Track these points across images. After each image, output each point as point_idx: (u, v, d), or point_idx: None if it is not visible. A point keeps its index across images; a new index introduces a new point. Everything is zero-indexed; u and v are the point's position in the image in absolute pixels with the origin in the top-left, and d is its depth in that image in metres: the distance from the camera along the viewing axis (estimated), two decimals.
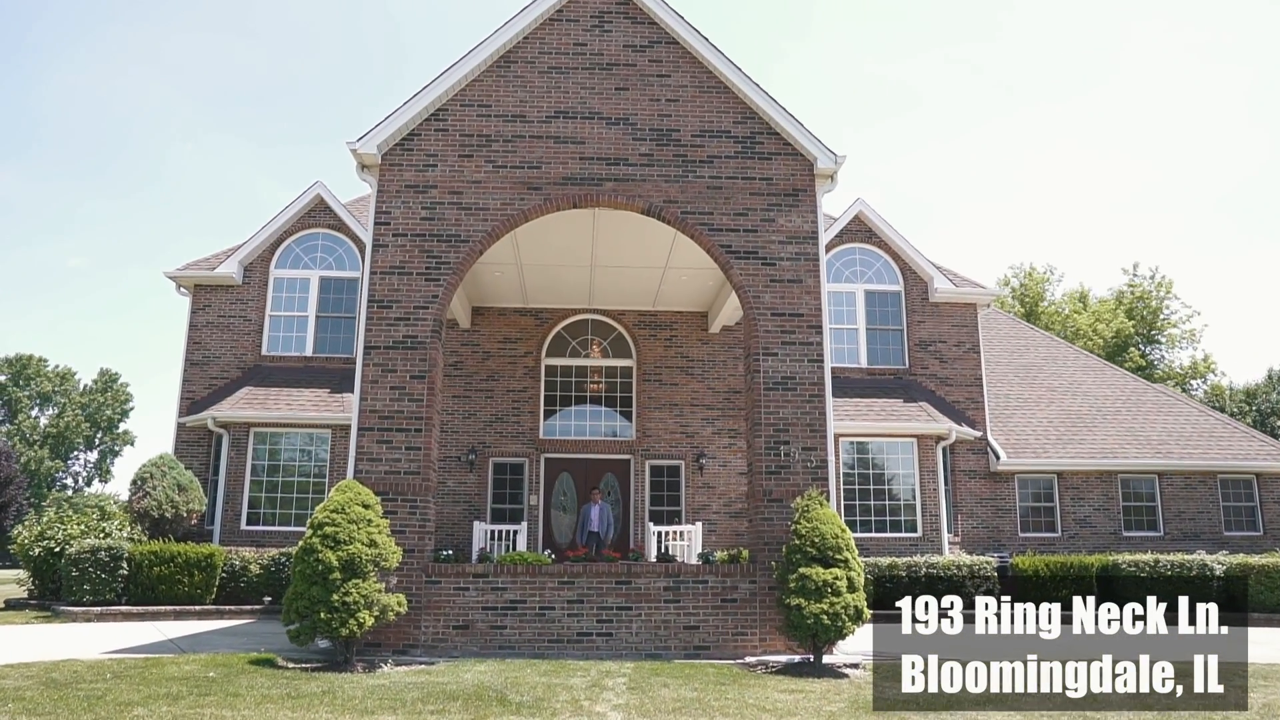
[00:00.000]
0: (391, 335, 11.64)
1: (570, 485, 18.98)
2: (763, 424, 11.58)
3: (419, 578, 10.96)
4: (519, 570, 11.08)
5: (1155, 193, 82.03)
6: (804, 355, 11.85)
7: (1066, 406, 22.14)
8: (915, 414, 19.28)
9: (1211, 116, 77.69)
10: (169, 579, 15.29)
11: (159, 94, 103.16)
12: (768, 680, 9.48)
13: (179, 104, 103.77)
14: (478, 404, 19.05)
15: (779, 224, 12.24)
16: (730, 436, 19.21)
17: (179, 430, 19.19)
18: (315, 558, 9.51)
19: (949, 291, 20.61)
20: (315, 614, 9.39)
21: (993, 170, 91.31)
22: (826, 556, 10.25)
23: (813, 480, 11.49)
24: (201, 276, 19.69)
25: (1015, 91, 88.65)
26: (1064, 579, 17.10)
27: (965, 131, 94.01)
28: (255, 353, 19.61)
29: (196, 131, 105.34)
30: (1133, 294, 43.86)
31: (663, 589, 11.14)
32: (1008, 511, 20.24)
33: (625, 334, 19.64)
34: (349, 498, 9.97)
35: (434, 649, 10.86)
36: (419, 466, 11.23)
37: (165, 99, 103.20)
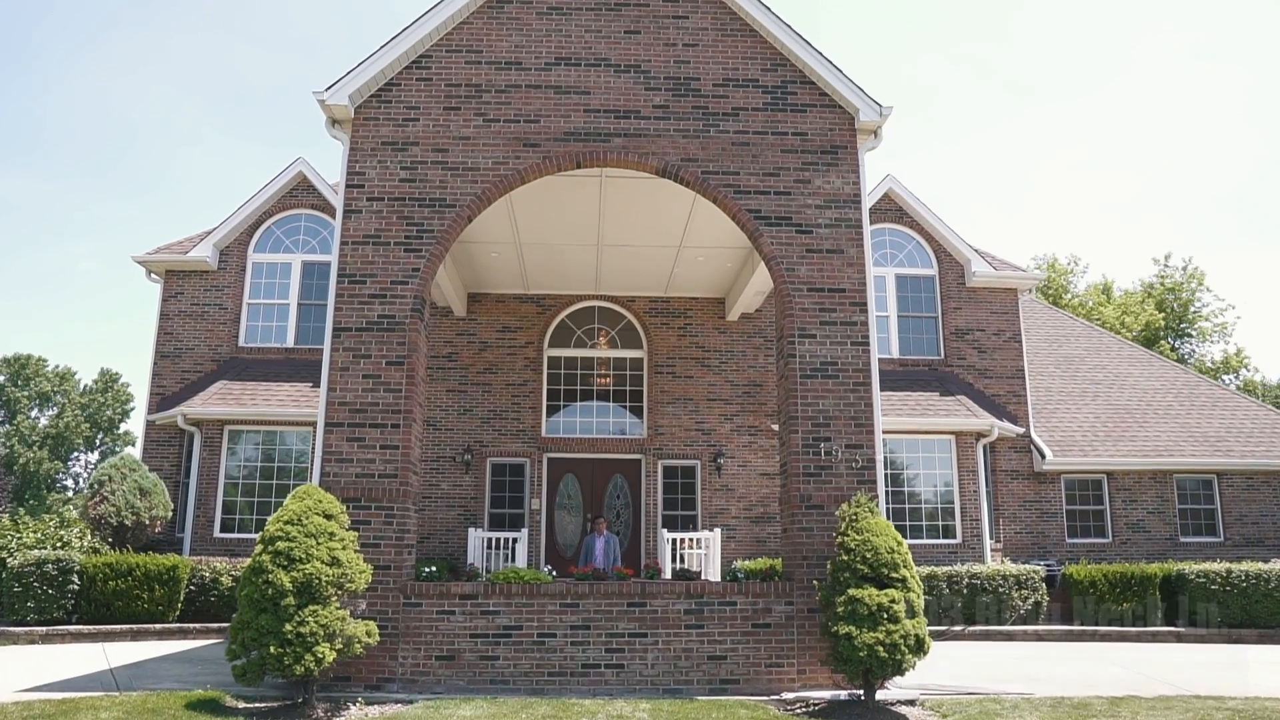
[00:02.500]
0: (365, 315, 9.98)
1: (575, 488, 17.30)
2: (799, 417, 9.88)
3: (396, 599, 9.29)
4: (514, 590, 9.40)
5: (1175, 184, 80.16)
6: (846, 337, 10.16)
7: (1113, 401, 20.39)
8: (953, 408, 17.56)
9: (1218, 112, 75.76)
10: (126, 594, 13.65)
11: (164, 96, 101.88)
12: None
13: (185, 106, 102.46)
14: (474, 399, 17.39)
15: (816, 186, 10.55)
16: (750, 434, 17.51)
17: (148, 429, 17.58)
18: (265, 579, 7.85)
19: (987, 275, 18.88)
20: (265, 647, 7.73)
21: (1006, 166, 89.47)
22: (881, 575, 8.55)
23: (859, 483, 9.79)
24: (173, 261, 18.05)
25: (1024, 89, 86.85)
26: (1125, 590, 15.39)
27: (976, 129, 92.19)
28: (231, 344, 17.97)
29: (202, 134, 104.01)
30: (1163, 285, 42.00)
31: (683, 612, 9.46)
32: (1053, 515, 18.50)
33: (635, 322, 17.96)
34: (307, 506, 8.30)
35: (413, 683, 9.19)
36: (396, 468, 9.57)
37: (171, 101, 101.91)
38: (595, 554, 13.55)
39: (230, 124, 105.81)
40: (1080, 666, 11.82)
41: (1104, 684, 10.33)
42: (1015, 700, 9.07)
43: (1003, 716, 8.21)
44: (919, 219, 19.09)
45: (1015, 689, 9.82)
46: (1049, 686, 10.07)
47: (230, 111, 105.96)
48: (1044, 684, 10.27)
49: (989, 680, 10.49)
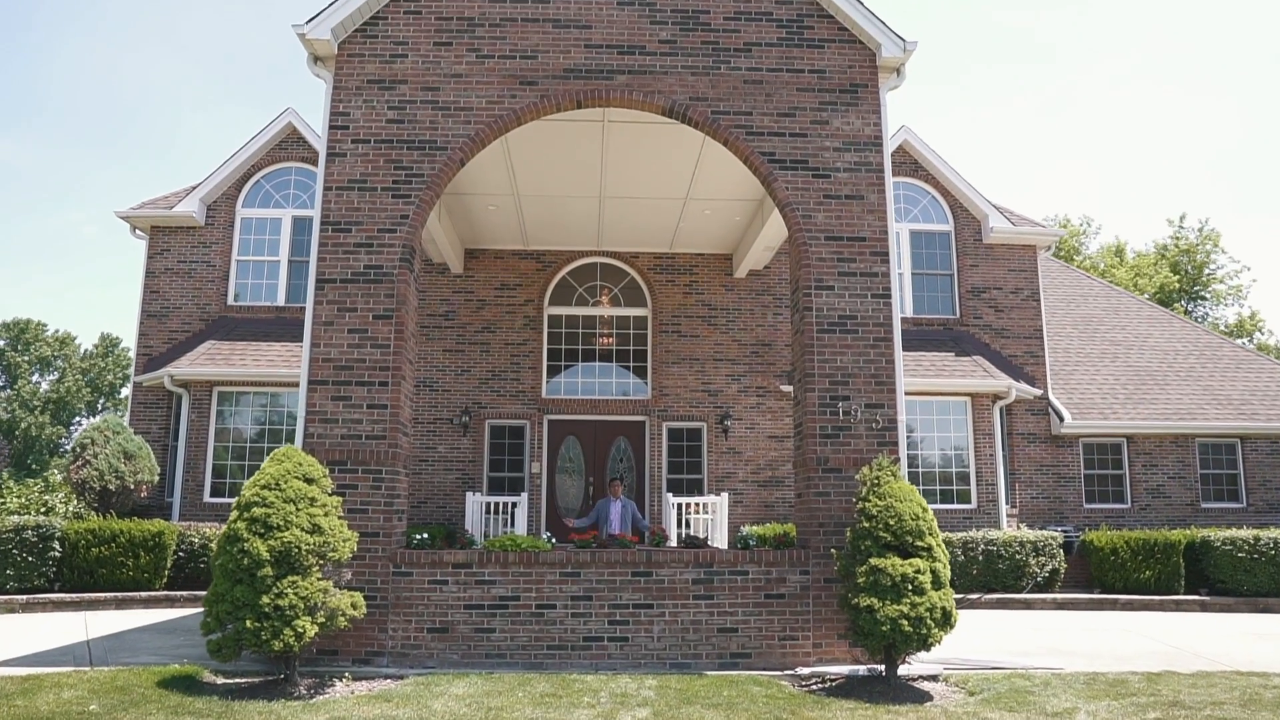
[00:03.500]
0: (350, 265, 9.30)
1: (577, 451, 16.71)
2: (815, 375, 9.24)
3: (385, 569, 8.71)
4: (511, 559, 8.81)
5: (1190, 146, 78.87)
6: (866, 289, 9.49)
7: (1133, 362, 19.72)
8: (969, 369, 16.91)
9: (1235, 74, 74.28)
10: (110, 561, 13.12)
11: (171, 64, 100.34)
12: (832, 706, 7.22)
13: (191, 74, 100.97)
14: (472, 359, 16.75)
15: (834, 127, 9.82)
16: (759, 395, 16.88)
17: (135, 391, 16.98)
18: (240, 548, 7.25)
19: (1006, 232, 18.14)
20: (240, 621, 7.15)
21: (1017, 125, 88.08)
22: (905, 543, 7.95)
23: (879, 445, 9.17)
24: (158, 217, 17.35)
25: (1041, 47, 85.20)
26: (1147, 557, 14.83)
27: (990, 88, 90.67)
28: (220, 302, 17.31)
29: (208, 103, 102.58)
30: (1177, 247, 41.12)
31: (691, 582, 8.87)
32: (1070, 480, 17.91)
33: (639, 279, 17.27)
34: (285, 469, 7.68)
35: (404, 657, 8.64)
36: (385, 429, 8.95)
37: (177, 69, 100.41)
38: (612, 519, 12.67)
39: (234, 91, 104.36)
40: (1106, 638, 11.26)
41: (1135, 657, 9.77)
42: (1045, 676, 8.51)
43: (1035, 695, 7.63)
44: (935, 173, 18.31)
45: (1043, 663, 9.26)
46: (1078, 660, 9.51)
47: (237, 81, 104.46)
48: (1072, 657, 9.71)
49: (1013, 653, 9.94)
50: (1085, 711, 7.05)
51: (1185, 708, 7.17)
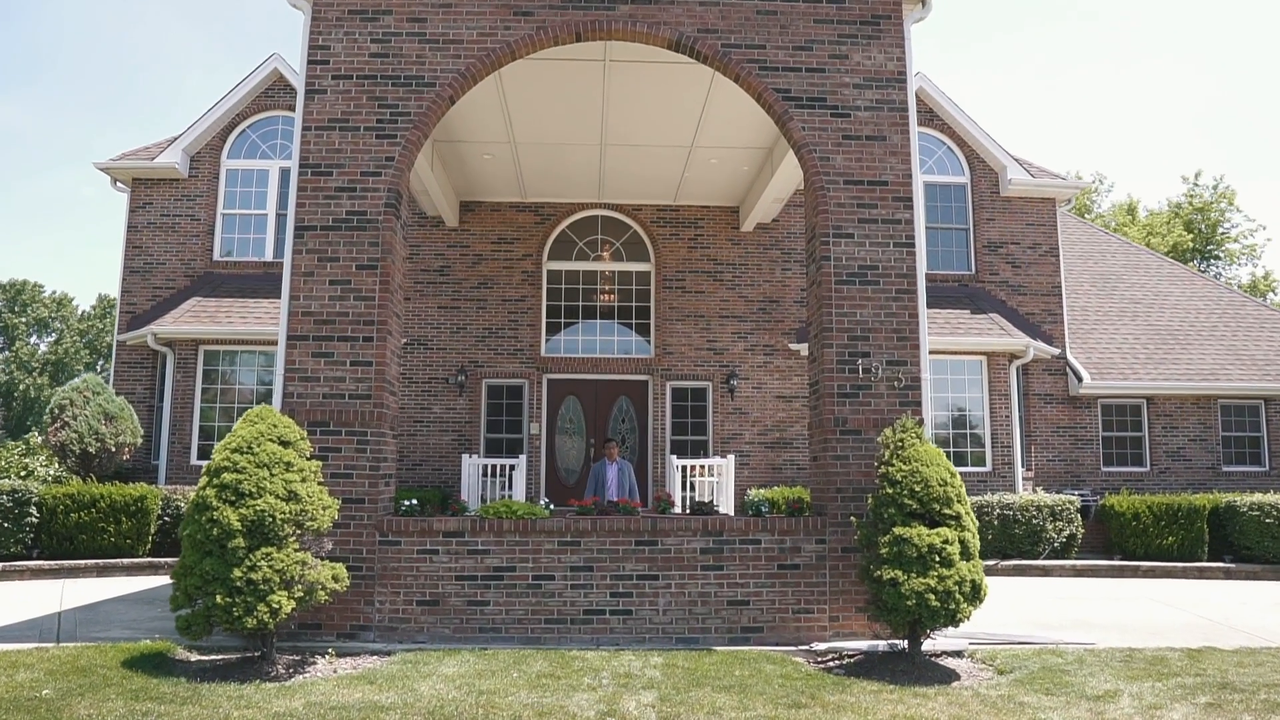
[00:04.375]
0: (331, 211, 8.61)
1: (577, 411, 16.10)
2: (833, 329, 8.58)
3: (370, 537, 8.12)
4: (505, 527, 8.22)
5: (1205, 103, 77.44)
6: (888, 237, 8.79)
7: (1153, 321, 19.04)
8: (985, 327, 16.23)
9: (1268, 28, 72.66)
10: (90, 527, 12.57)
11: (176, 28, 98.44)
12: (854, 687, 6.64)
13: (196, 37, 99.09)
14: (468, 316, 16.09)
15: (854, 62, 9.06)
16: (766, 353, 16.24)
17: (119, 350, 16.33)
18: (209, 517, 6.65)
19: (1024, 184, 17.37)
20: (210, 596, 6.57)
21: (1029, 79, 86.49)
22: (931, 511, 7.34)
23: (901, 405, 8.53)
24: (140, 168, 16.60)
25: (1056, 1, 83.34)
26: (1170, 523, 14.27)
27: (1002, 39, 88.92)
28: (205, 258, 16.61)
29: (214, 67, 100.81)
30: (1191, 205, 40.19)
31: (699, 551, 8.28)
32: (1088, 443, 17.31)
33: (642, 233, 16.56)
34: (259, 431, 7.06)
35: (392, 631, 8.08)
36: (369, 388, 8.32)
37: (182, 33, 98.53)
38: (608, 484, 11.96)
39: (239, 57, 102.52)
40: (1132, 608, 10.71)
41: (1169, 631, 9.21)
42: (1078, 652, 7.94)
43: (1070, 675, 7.06)
44: (951, 122, 17.51)
45: (1072, 638, 8.70)
46: (1109, 634, 8.95)
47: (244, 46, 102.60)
48: (1102, 631, 9.15)
49: (1039, 626, 9.38)
50: (1129, 695, 6.48)
51: (1237, 690, 6.59)
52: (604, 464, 12.04)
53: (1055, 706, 6.15)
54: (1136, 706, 6.18)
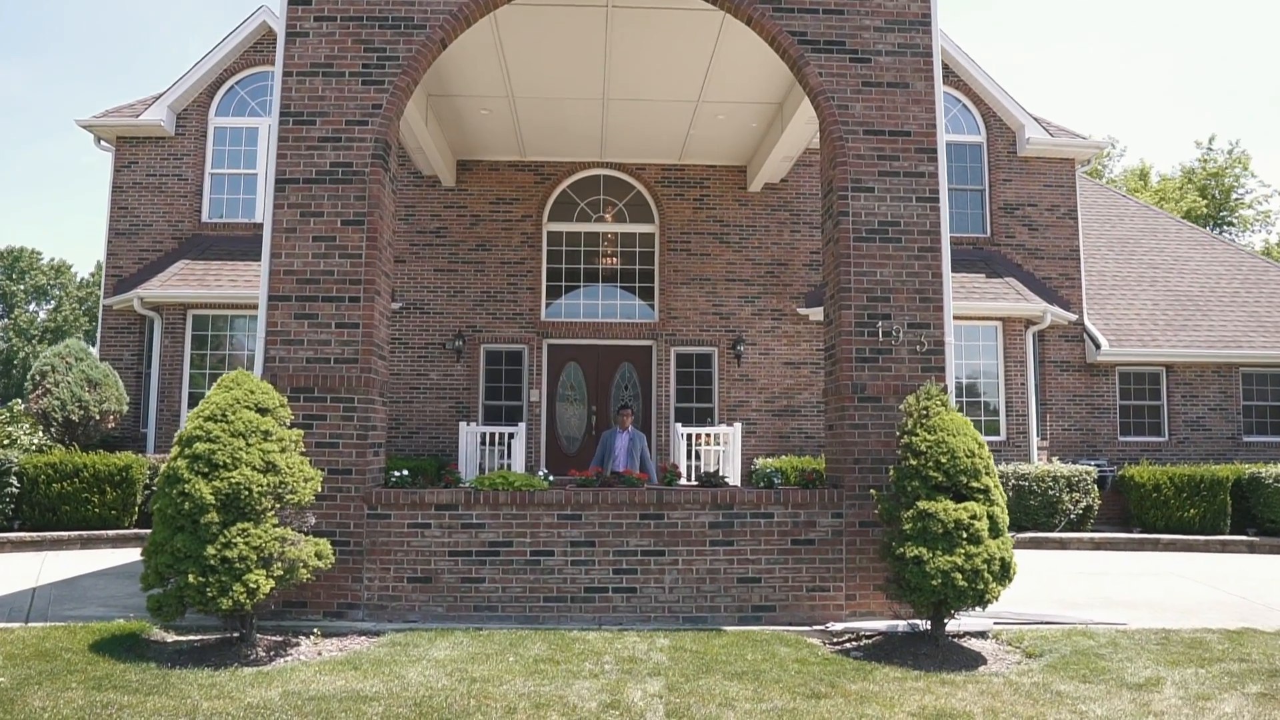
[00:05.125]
0: (314, 163, 8.05)
1: (579, 377, 15.59)
2: (852, 290, 8.03)
3: (358, 510, 7.63)
4: (501, 499, 7.73)
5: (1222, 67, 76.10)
6: (911, 191, 8.22)
7: (1173, 286, 18.46)
8: (1001, 292, 15.67)
9: None
10: (74, 498, 12.11)
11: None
12: (875, 674, 6.17)
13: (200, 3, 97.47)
14: (465, 279, 15.54)
15: (875, 3, 8.43)
16: (774, 318, 15.70)
17: (105, 315, 15.82)
18: (180, 490, 6.15)
19: (1043, 144, 16.72)
20: (182, 576, 6.08)
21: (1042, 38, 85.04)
22: (958, 484, 6.83)
23: (923, 370, 8.00)
24: (124, 125, 15.97)
25: None
26: (1191, 495, 13.78)
27: None
28: (194, 219, 16.03)
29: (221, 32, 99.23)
30: (1205, 170, 39.40)
31: (708, 525, 7.80)
32: (1105, 411, 16.80)
33: (645, 193, 15.95)
34: (234, 398, 6.54)
35: (382, 610, 7.61)
36: (356, 351, 7.79)
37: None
38: (615, 454, 11.20)
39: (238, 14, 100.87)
40: (1159, 584, 10.25)
41: (1202, 609, 8.75)
42: (1110, 634, 7.47)
43: (1106, 659, 6.59)
44: (967, 78, 16.82)
45: (1100, 616, 8.23)
46: (1140, 613, 8.48)
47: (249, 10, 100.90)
48: (1130, 609, 8.69)
49: (1063, 603, 8.92)
50: (1172, 683, 6.00)
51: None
52: (614, 432, 11.35)
53: (1095, 697, 5.67)
54: (1183, 697, 5.71)
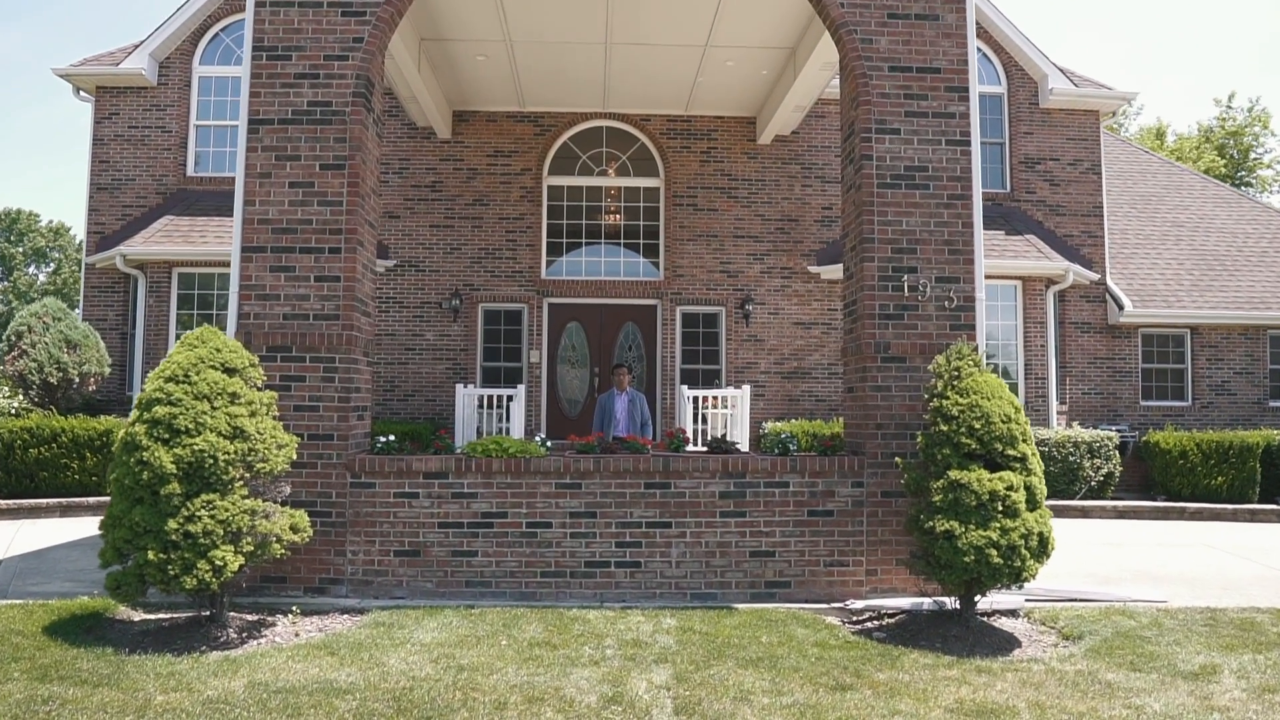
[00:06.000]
0: (290, 102, 7.39)
1: (581, 338, 14.99)
2: (875, 240, 7.39)
3: (340, 479, 7.07)
4: (495, 467, 7.16)
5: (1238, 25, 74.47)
6: (940, 133, 7.56)
7: (1198, 245, 17.75)
8: (1021, 250, 14.99)
9: None
10: (52, 463, 11.62)
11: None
12: (903, 659, 5.63)
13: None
14: (462, 235, 14.88)
15: None
16: (784, 276, 15.05)
17: (87, 274, 15.19)
18: (138, 459, 5.58)
19: (1067, 94, 15.94)
20: (142, 552, 5.53)
21: None
22: (993, 452, 6.25)
23: (952, 328, 7.39)
24: (104, 75, 15.25)
25: None
26: (1219, 461, 13.23)
27: None
28: (178, 173, 15.35)
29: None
30: (1223, 129, 38.40)
31: (718, 495, 7.23)
32: (1127, 375, 16.17)
33: (650, 146, 15.24)
34: (198, 356, 5.95)
35: (367, 585, 7.08)
36: (337, 307, 7.19)
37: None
38: (616, 418, 10.57)
39: None
40: (1192, 556, 9.71)
41: (1242, 585, 8.22)
42: (1151, 613, 6.92)
43: (1151, 643, 6.04)
44: (987, 25, 16.01)
45: (1136, 593, 7.69)
46: (1178, 589, 7.95)
47: None
48: (1167, 584, 8.15)
49: (1095, 578, 8.39)
50: (1230, 672, 5.45)
51: None
52: (612, 394, 10.73)
53: (1148, 688, 5.12)
54: (1246, 689, 5.15)
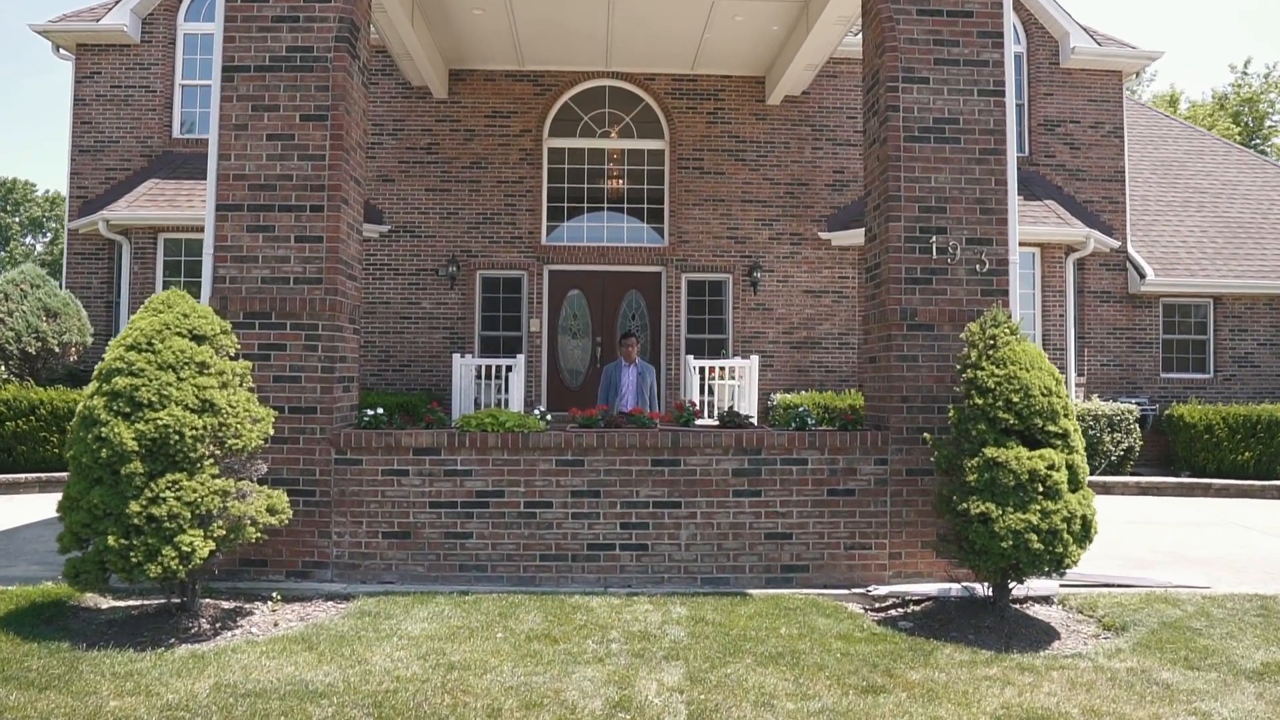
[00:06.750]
0: (268, 47, 6.81)
1: (583, 306, 14.45)
2: (900, 199, 6.83)
3: (324, 455, 6.56)
4: (490, 442, 6.65)
5: None
6: (972, 83, 6.98)
7: (1221, 212, 17.15)
8: (1041, 215, 14.40)
9: None
10: (31, 437, 11.15)
11: None
12: (937, 655, 5.14)
13: None
14: (459, 200, 14.31)
15: None
16: (793, 243, 14.49)
17: (70, 240, 14.63)
18: (96, 435, 5.07)
19: (1089, 54, 15.28)
20: (101, 538, 5.04)
21: None
22: (1032, 428, 5.73)
23: (983, 294, 6.85)
24: (83, 31, 14.59)
25: None
26: (1246, 436, 12.73)
27: None
28: (163, 135, 14.75)
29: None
30: (1238, 96, 37.60)
31: (731, 473, 6.72)
32: (1147, 346, 15.65)
33: (655, 106, 14.62)
34: (163, 323, 5.42)
35: (354, 569, 6.59)
36: (320, 269, 6.65)
37: None
38: (622, 390, 9.77)
39: None
40: (1226, 537, 9.24)
41: None
42: (1195, 600, 6.43)
43: (1203, 635, 5.56)
44: None
45: (1175, 577, 7.22)
46: (1217, 572, 7.47)
47: None
48: (1205, 567, 7.67)
49: (1128, 561, 7.91)
50: None
51: None
52: (619, 365, 9.96)
53: (1210, 690, 4.63)
54: None
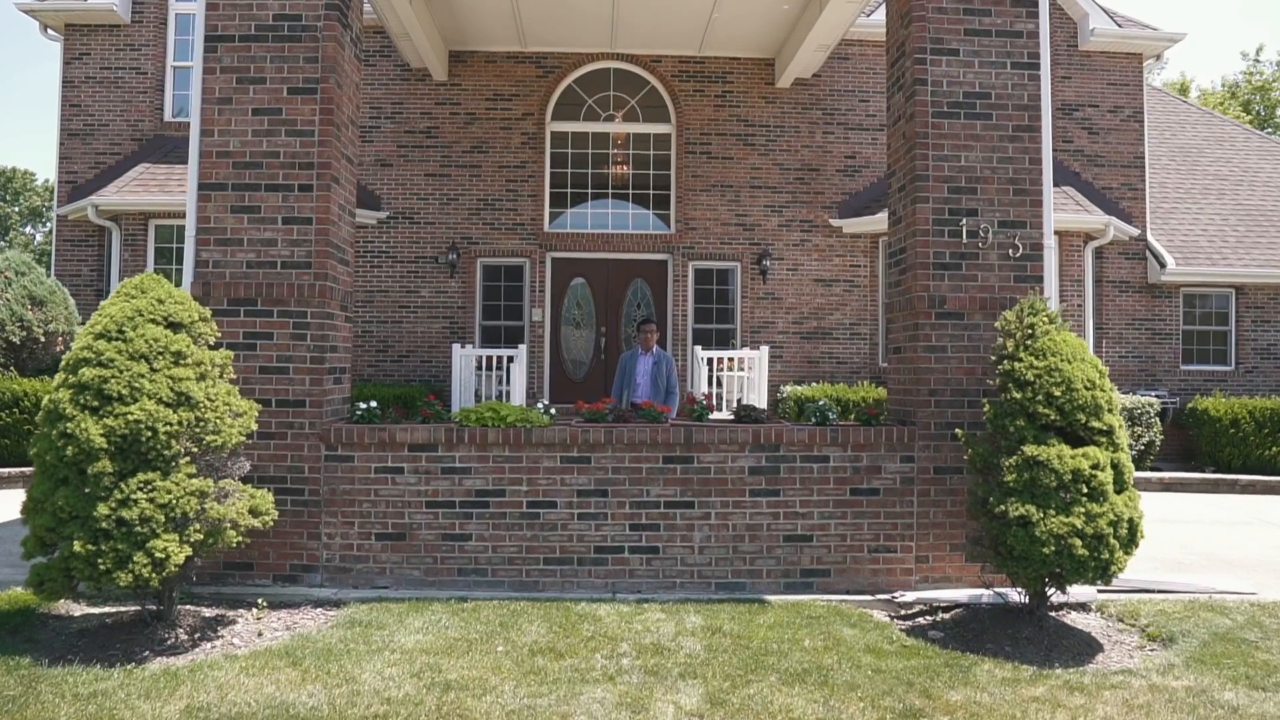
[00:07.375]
0: (254, 16, 6.38)
1: (586, 295, 14.03)
2: (929, 179, 6.40)
3: (314, 451, 6.15)
4: (491, 438, 6.23)
5: None
6: (1005, 55, 6.53)
7: (1243, 201, 16.68)
8: (1059, 202, 13.92)
9: None
10: (15, 430, 10.76)
11: None
12: (976, 672, 4.74)
13: None
14: (459, 185, 13.87)
15: None
16: (804, 230, 14.05)
17: (59, 227, 14.21)
18: (62, 431, 4.66)
19: (1109, 36, 14.81)
20: (68, 543, 4.63)
21: None
22: (1075, 424, 5.31)
23: (1017, 280, 6.41)
24: (72, 11, 14.12)
25: None
26: (1274, 431, 12.34)
27: None
28: (155, 118, 14.30)
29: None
30: (1250, 84, 37.06)
31: (747, 471, 6.30)
32: (1167, 337, 15.20)
33: (661, 89, 14.16)
34: (136, 309, 5.00)
35: (345, 573, 6.18)
36: (310, 252, 6.22)
37: None
38: (637, 380, 8.98)
39: None
40: (1263, 537, 8.85)
41: None
42: (1243, 608, 6.03)
43: (1258, 647, 5.16)
44: None
45: (1218, 582, 6.81)
46: (1261, 576, 7.09)
47: None
48: (1247, 570, 7.27)
49: (1161, 562, 7.49)
50: None
51: None
52: (635, 354, 9.17)
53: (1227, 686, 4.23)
54: None
